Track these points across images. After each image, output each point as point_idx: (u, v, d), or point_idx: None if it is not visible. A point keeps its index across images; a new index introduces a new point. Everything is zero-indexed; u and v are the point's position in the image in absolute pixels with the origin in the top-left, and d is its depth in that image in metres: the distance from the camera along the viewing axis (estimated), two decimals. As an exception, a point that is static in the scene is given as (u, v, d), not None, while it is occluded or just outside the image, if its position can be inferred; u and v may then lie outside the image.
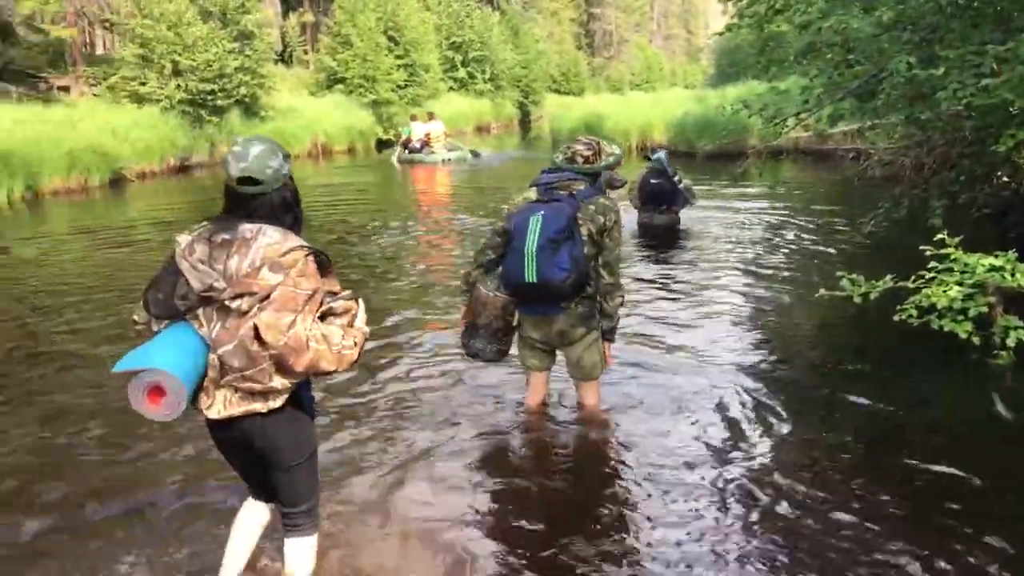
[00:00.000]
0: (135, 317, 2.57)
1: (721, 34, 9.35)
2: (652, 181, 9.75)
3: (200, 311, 2.47)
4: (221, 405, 2.50)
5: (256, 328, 2.39)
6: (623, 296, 4.12)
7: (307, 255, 2.47)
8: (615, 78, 68.53)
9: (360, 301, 2.66)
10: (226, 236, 2.47)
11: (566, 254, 3.77)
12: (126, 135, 18.45)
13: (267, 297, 2.40)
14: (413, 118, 22.64)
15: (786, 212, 11.26)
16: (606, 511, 3.57)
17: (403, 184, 18.28)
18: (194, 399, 2.52)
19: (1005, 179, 7.59)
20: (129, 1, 22.10)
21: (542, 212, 3.85)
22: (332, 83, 29.38)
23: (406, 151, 21.35)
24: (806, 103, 7.38)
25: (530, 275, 3.82)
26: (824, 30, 6.32)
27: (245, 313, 2.41)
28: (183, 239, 2.53)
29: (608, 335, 4.18)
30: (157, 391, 2.35)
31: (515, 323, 4.18)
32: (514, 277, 3.90)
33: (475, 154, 21.88)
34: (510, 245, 3.92)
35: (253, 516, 2.89)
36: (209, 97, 21.54)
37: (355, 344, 2.54)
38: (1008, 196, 7.61)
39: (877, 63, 6.39)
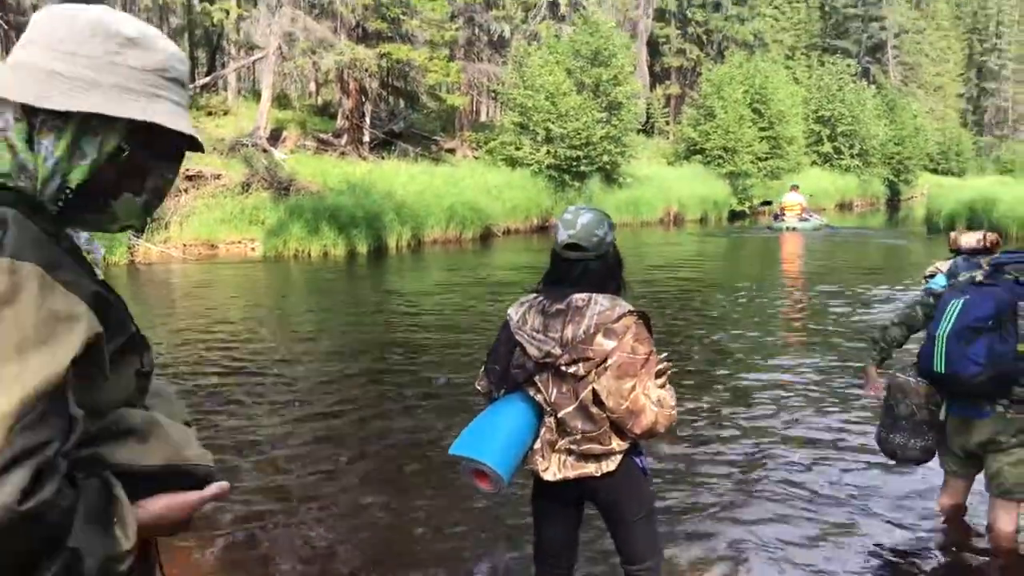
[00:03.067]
0: (478, 386, 2.82)
1: None
2: None
3: (537, 377, 2.61)
4: (556, 468, 2.61)
5: (595, 392, 2.51)
6: None
7: (637, 320, 2.55)
8: (1006, 159, 61.10)
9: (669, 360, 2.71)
10: (559, 306, 2.58)
11: (983, 347, 3.29)
12: (498, 195, 20.05)
13: (603, 362, 2.50)
14: (793, 188, 24.06)
15: None
16: None
17: (748, 252, 17.69)
18: (527, 459, 2.67)
19: None
20: (514, 73, 24.22)
21: (966, 296, 3.40)
22: (691, 153, 29.63)
23: (774, 219, 23.32)
24: None
25: (938, 364, 3.40)
26: None
27: (582, 378, 2.53)
28: (514, 312, 2.69)
29: None
30: (482, 475, 2.58)
31: (942, 417, 3.67)
32: (923, 362, 3.52)
33: (831, 227, 22.78)
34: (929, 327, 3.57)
35: None
36: (574, 163, 22.73)
37: (674, 404, 2.61)
38: None
39: None
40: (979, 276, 3.53)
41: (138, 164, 1.17)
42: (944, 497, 3.96)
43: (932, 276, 5.42)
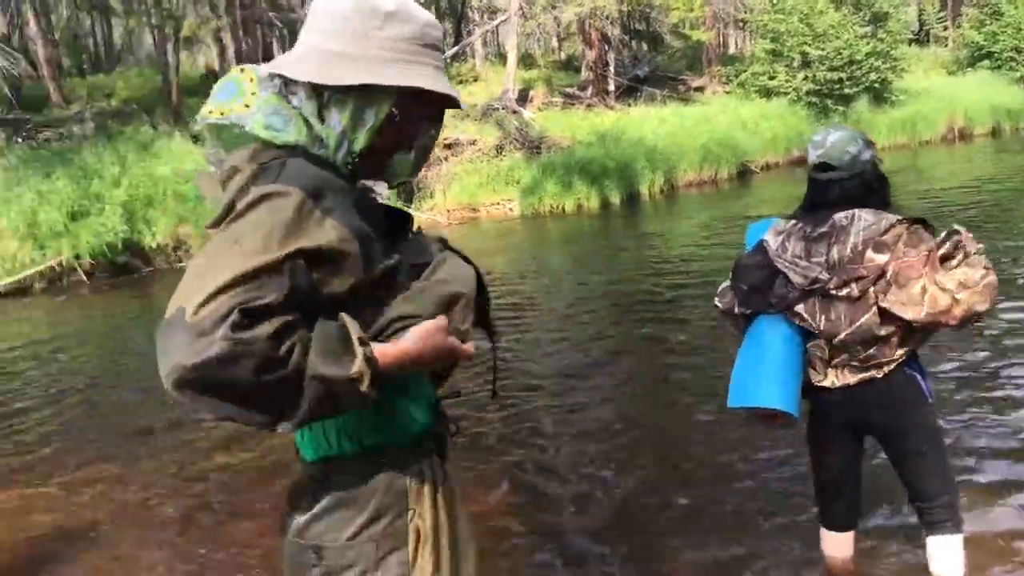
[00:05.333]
0: (717, 303, 2.70)
1: None
2: None
3: (801, 306, 2.47)
4: (835, 377, 2.51)
5: (882, 313, 2.36)
6: None
7: (908, 227, 2.37)
8: None
9: (961, 229, 2.45)
10: (822, 229, 2.45)
11: None
12: (755, 128, 19.01)
13: (880, 277, 2.35)
14: None
15: None
16: None
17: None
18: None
19: None
20: (763, -1, 22.75)
21: None
22: (976, 60, 26.29)
23: None
24: None
25: None
26: None
27: (858, 299, 2.38)
28: (772, 240, 2.56)
29: None
30: (773, 417, 2.48)
31: None
32: None
33: None
34: None
35: (837, 549, 2.76)
36: (837, 86, 20.97)
37: (987, 268, 2.36)
38: None
39: None
40: None
41: (407, 125, 1.37)
42: None
43: None
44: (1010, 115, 23.54)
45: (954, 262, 2.40)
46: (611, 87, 21.43)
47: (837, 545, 2.75)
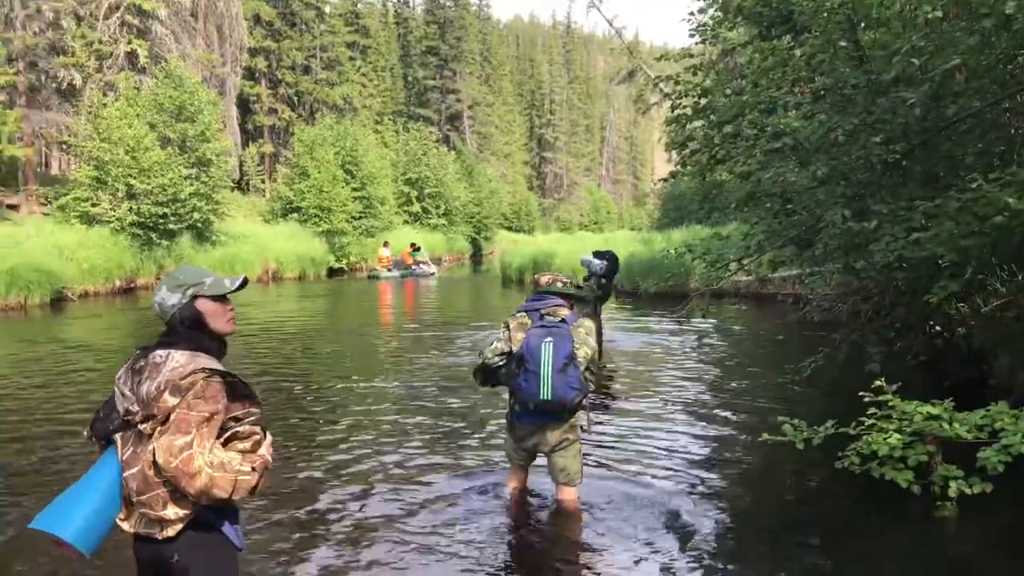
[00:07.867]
0: (85, 432, 2.66)
1: (666, 180, 9.75)
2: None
3: (119, 435, 2.52)
4: (134, 520, 2.51)
5: (153, 453, 2.40)
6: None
7: (207, 377, 2.46)
8: (565, 218, 70.73)
9: (268, 432, 2.63)
10: (142, 362, 2.54)
11: (575, 376, 4.36)
12: (72, 255, 18.28)
13: (166, 420, 2.42)
14: (384, 244, 28.07)
15: (727, 354, 11.29)
16: None
17: (347, 303, 18.30)
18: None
19: (937, 328, 7.84)
20: (89, 125, 22.38)
21: (551, 339, 4.37)
22: (287, 212, 29.75)
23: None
24: (748, 249, 7.56)
25: (545, 393, 4.33)
26: (763, 181, 6.58)
27: (150, 436, 2.43)
28: (124, 366, 2.61)
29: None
30: (64, 545, 2.43)
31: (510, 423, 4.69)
32: (530, 395, 4.38)
33: (416, 274, 26.96)
34: (522, 365, 4.40)
35: None
36: (161, 220, 21.58)
37: (253, 471, 2.51)
38: (941, 345, 7.81)
39: (814, 213, 6.65)
40: (527, 320, 4.55)
41: None
42: (513, 482, 4.93)
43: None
44: (314, 263, 27.19)
45: (240, 445, 2.52)
46: None
47: None
